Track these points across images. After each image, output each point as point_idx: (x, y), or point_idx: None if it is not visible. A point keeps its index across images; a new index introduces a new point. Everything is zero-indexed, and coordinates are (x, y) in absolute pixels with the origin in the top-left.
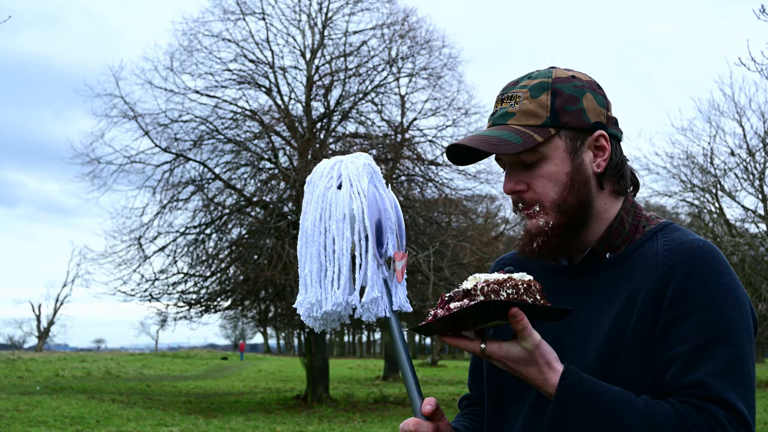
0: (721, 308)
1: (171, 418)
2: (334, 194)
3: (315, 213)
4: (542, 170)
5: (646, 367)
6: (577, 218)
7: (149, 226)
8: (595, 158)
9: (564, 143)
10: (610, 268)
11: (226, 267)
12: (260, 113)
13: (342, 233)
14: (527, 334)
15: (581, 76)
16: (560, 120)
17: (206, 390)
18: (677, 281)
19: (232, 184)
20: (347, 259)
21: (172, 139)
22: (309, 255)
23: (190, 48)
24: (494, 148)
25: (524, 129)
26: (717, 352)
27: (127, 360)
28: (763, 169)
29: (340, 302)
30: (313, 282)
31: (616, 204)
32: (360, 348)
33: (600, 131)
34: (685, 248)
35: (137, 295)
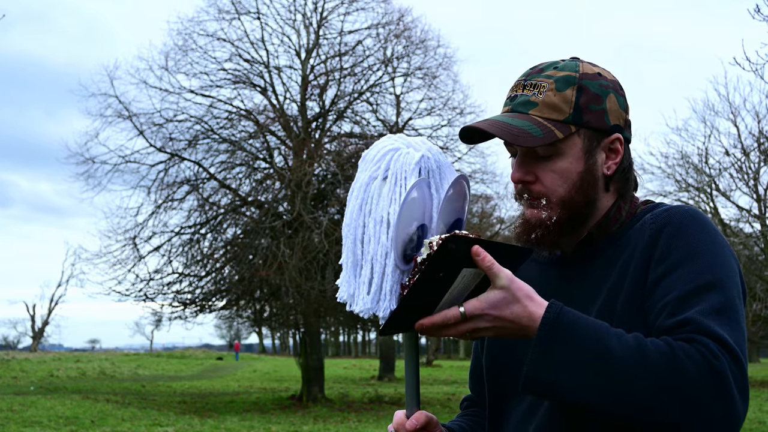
0: (708, 260)
1: (166, 418)
2: (378, 187)
3: (356, 202)
4: (555, 165)
5: (638, 326)
6: (579, 216)
7: (144, 226)
8: (607, 160)
9: (581, 142)
10: (606, 250)
11: (221, 267)
12: (255, 113)
13: (378, 237)
14: (496, 271)
15: (606, 74)
16: (583, 118)
17: (201, 390)
18: (663, 240)
19: (227, 184)
20: (380, 266)
21: (167, 138)
22: (349, 243)
23: (185, 47)
24: (516, 138)
25: (546, 122)
26: (705, 296)
27: (122, 360)
28: (757, 169)
29: (369, 309)
30: (349, 272)
31: (615, 199)
32: (355, 348)
33: (617, 135)
34: (669, 212)
35: (132, 295)
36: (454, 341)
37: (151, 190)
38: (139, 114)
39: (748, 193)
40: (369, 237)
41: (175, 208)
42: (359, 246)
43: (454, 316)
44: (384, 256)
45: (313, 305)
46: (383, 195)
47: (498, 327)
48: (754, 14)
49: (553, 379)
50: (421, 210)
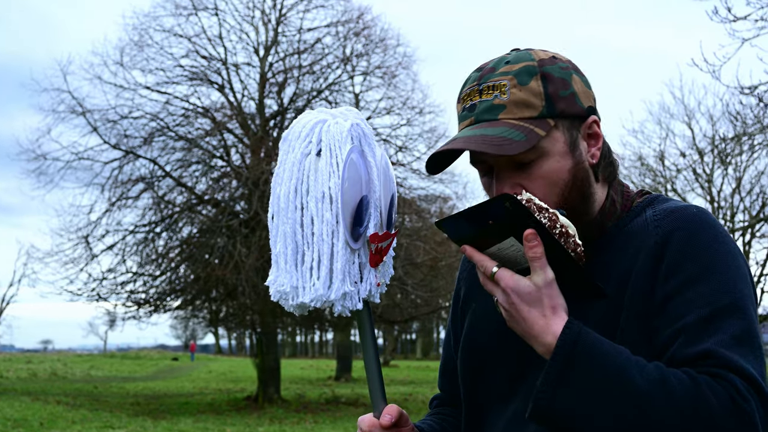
0: (724, 277)
1: (118, 420)
2: (313, 163)
3: (290, 183)
4: (541, 170)
5: (644, 345)
6: (578, 214)
7: (97, 224)
8: (590, 147)
9: (563, 135)
10: (603, 249)
11: (177, 266)
12: (212, 110)
13: (322, 215)
14: (540, 267)
15: (560, 56)
16: (557, 108)
17: (155, 391)
18: (673, 251)
19: (183, 182)
20: (328, 245)
21: (121, 135)
22: (282, 233)
23: (140, 43)
24: (500, 148)
25: (522, 123)
26: (724, 323)
27: (74, 361)
28: (711, 171)
29: (321, 295)
30: (288, 265)
31: (605, 189)
32: (312, 348)
33: (593, 117)
34: (676, 215)
35: (84, 295)
36: (410, 342)
37: (104, 188)
38: (93, 110)
39: (702, 195)
40: (311, 217)
41: (129, 206)
42: (299, 230)
43: (487, 267)
44: (331, 234)
45: (270, 305)
46: (320, 170)
47: (509, 312)
48: (713, 16)
49: (568, 409)
50: (361, 180)
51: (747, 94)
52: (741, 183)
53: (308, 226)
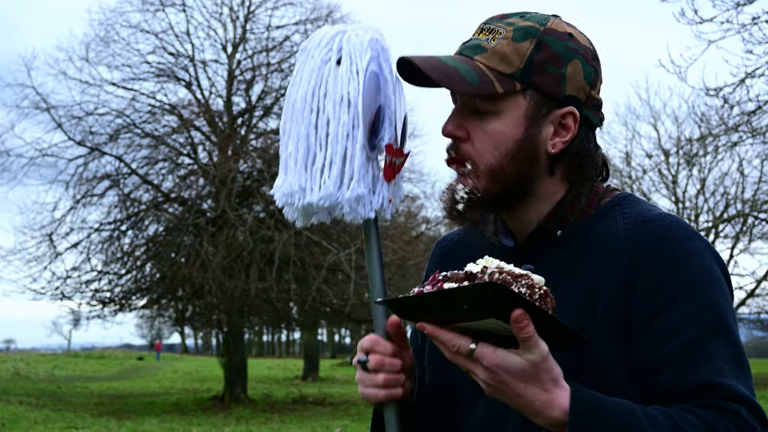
0: (705, 294)
1: (81, 420)
2: (332, 70)
3: (307, 86)
4: (490, 125)
5: (619, 364)
6: (510, 192)
7: (61, 222)
8: (554, 136)
9: (525, 104)
10: (562, 247)
11: (142, 265)
12: (179, 107)
13: (339, 117)
14: (533, 344)
15: (581, 38)
16: (532, 78)
17: (120, 391)
18: (649, 267)
19: (149, 180)
20: (342, 146)
21: (86, 132)
22: (296, 133)
23: (106, 39)
24: (444, 79)
25: (488, 71)
26: (714, 347)
27: (37, 361)
28: (676, 172)
29: (330, 194)
30: (298, 165)
31: (564, 187)
32: (279, 347)
33: (571, 108)
34: (650, 227)
35: (48, 294)
36: None
37: (69, 185)
38: (57, 106)
39: (667, 196)
40: (327, 119)
41: (94, 204)
42: (312, 132)
43: (462, 347)
44: (346, 137)
45: (237, 304)
46: (340, 75)
47: (500, 390)
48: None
49: None
50: (380, 91)
51: (712, 96)
52: (705, 184)
53: (323, 128)
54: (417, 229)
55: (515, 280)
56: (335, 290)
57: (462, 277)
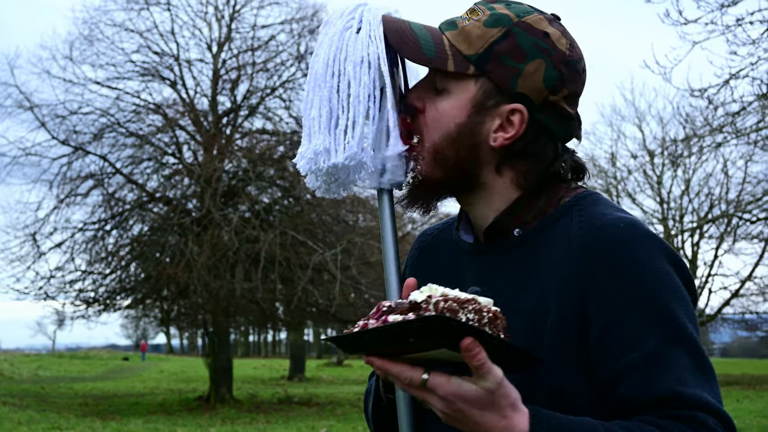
0: (661, 302)
1: (66, 421)
2: (353, 36)
3: (328, 52)
4: (441, 103)
5: (576, 378)
6: (451, 179)
7: (45, 222)
8: (498, 130)
9: (475, 91)
10: (519, 247)
11: (127, 264)
12: (164, 106)
13: (359, 78)
14: (486, 371)
15: (559, 42)
16: (487, 66)
17: (105, 391)
18: (603, 277)
19: (134, 179)
20: (364, 107)
21: (70, 131)
22: (319, 98)
23: (90, 37)
24: (398, 43)
25: (448, 48)
26: (673, 355)
27: (21, 361)
28: (661, 173)
29: (355, 154)
30: (322, 128)
31: (514, 189)
32: (265, 348)
33: (518, 105)
34: (605, 233)
35: (31, 294)
36: None
37: (53, 185)
38: (41, 105)
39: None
40: (348, 81)
41: (78, 203)
42: (335, 96)
43: (414, 379)
44: (367, 98)
45: (222, 304)
46: (360, 40)
47: (457, 419)
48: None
49: None
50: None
51: (697, 97)
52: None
53: (344, 91)
54: (403, 229)
55: (461, 306)
56: (321, 290)
57: (406, 308)
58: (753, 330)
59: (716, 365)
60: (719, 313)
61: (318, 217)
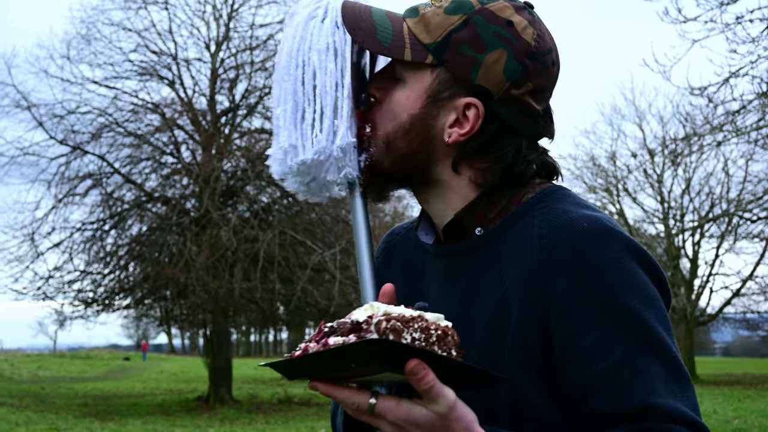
0: (630, 304)
1: (64, 422)
2: (318, 25)
3: (293, 42)
4: (396, 93)
5: (541, 392)
6: (402, 173)
7: (43, 222)
8: (454, 125)
9: (431, 81)
10: (481, 248)
11: (125, 264)
12: (162, 106)
13: (325, 66)
14: (436, 394)
15: (524, 32)
16: (444, 55)
17: (104, 392)
18: (565, 281)
19: (132, 179)
20: (331, 97)
21: (68, 131)
22: (284, 92)
23: (88, 36)
24: (354, 29)
25: (407, 36)
26: (643, 363)
27: (22, 361)
28: (662, 172)
29: (324, 148)
30: (287, 124)
31: (472, 189)
32: (266, 347)
33: (474, 100)
34: (567, 232)
35: (30, 294)
36: None
37: (51, 185)
38: (38, 104)
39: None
40: (313, 71)
41: (76, 203)
42: (300, 88)
43: (361, 404)
44: (334, 86)
45: (221, 304)
46: (325, 26)
47: None
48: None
49: None
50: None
51: (697, 95)
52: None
53: (309, 83)
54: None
55: (406, 325)
56: (321, 290)
57: (347, 329)
58: (754, 329)
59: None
60: (720, 313)
61: (317, 217)
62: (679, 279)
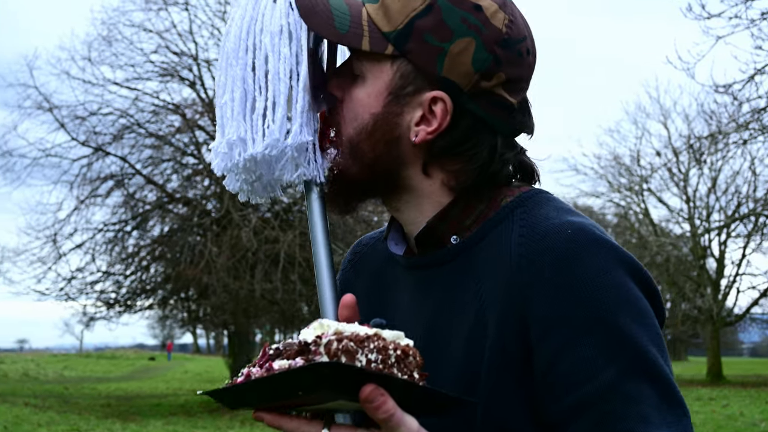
0: (617, 323)
1: (86, 422)
2: (269, 5)
3: (241, 24)
4: (355, 90)
5: (519, 416)
6: (370, 180)
7: (66, 223)
8: (419, 123)
9: (391, 75)
10: (456, 258)
11: (147, 265)
12: (183, 107)
13: (278, 51)
14: (396, 424)
15: (494, 17)
16: (406, 45)
17: (128, 392)
18: (547, 295)
19: (154, 180)
20: (285, 85)
21: (90, 132)
22: (231, 79)
23: (109, 38)
24: (307, 14)
25: (366, 24)
26: (633, 387)
27: (48, 361)
28: (687, 170)
29: (277, 141)
30: (235, 114)
31: (445, 194)
32: None
33: (440, 93)
34: (548, 242)
35: (52, 295)
36: None
37: (73, 186)
38: (60, 106)
39: (678, 194)
40: (264, 56)
41: (98, 204)
42: (250, 75)
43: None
44: (288, 74)
45: (242, 305)
46: (278, 8)
47: None
48: (686, 13)
49: None
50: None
51: (721, 93)
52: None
53: (261, 68)
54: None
55: (360, 346)
56: None
57: (294, 352)
58: None
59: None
60: (748, 313)
61: (339, 217)
62: (705, 279)
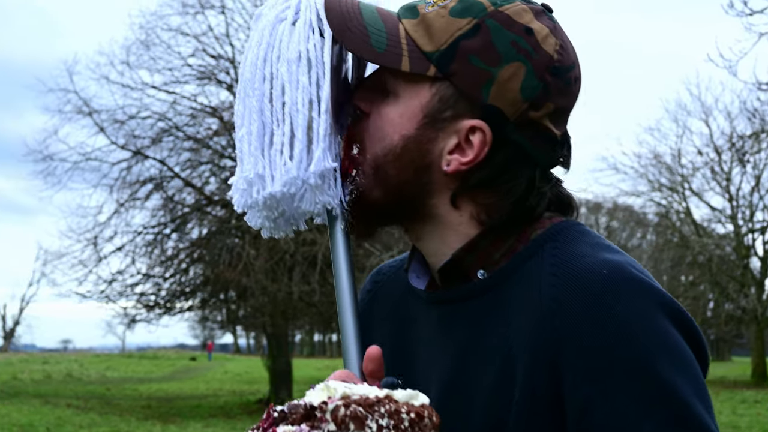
0: (656, 373)
1: (126, 424)
2: (287, 29)
3: (258, 51)
4: (386, 108)
5: None
6: (393, 206)
7: (106, 225)
8: (453, 151)
9: (429, 97)
10: (483, 294)
11: (186, 268)
12: (220, 110)
13: (296, 79)
14: None
15: (545, 41)
16: (450, 66)
17: (168, 393)
18: (581, 339)
19: (192, 183)
20: (304, 117)
21: (129, 136)
22: (248, 111)
23: (147, 42)
24: (342, 32)
25: (405, 41)
26: None
27: (91, 361)
28: (730, 169)
29: (294, 179)
30: (253, 149)
31: (472, 227)
32: (330, 348)
33: (480, 123)
34: (582, 283)
35: (93, 297)
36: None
37: (113, 189)
38: (100, 110)
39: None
40: (281, 86)
41: (138, 207)
42: (267, 106)
43: None
44: (308, 103)
45: (280, 307)
46: (296, 31)
47: None
48: (728, 9)
49: None
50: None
51: (765, 90)
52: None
53: (278, 99)
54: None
55: (369, 411)
56: None
57: (300, 416)
58: None
59: None
60: None
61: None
62: (749, 279)
